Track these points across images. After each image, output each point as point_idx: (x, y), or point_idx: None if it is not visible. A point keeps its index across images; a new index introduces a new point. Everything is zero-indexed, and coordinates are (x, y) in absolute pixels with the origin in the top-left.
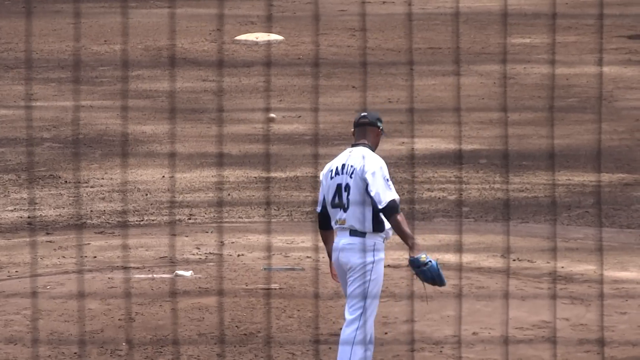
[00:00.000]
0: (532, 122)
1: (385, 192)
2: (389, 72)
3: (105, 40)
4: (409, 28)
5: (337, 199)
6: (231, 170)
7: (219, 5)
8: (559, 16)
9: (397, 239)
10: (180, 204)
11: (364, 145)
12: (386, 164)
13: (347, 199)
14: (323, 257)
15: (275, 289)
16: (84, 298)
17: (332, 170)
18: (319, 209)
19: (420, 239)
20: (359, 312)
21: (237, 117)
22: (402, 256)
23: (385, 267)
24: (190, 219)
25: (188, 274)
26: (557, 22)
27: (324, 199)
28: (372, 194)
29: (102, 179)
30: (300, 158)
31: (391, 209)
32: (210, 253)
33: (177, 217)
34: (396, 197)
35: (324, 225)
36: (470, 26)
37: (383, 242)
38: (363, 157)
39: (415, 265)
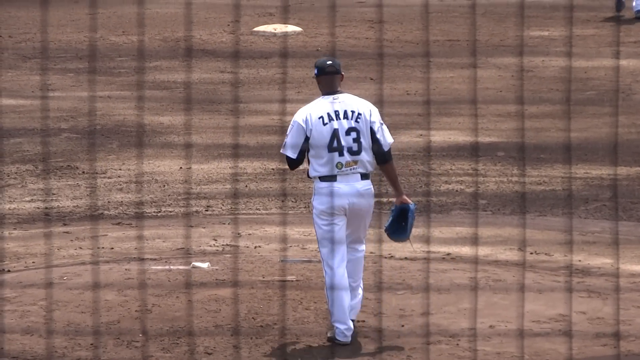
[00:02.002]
0: (550, 115)
1: (388, 136)
2: (406, 64)
3: (123, 31)
4: (427, 20)
5: (335, 143)
6: (248, 161)
7: None
8: (577, 9)
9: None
10: (198, 195)
11: (343, 92)
12: (404, 155)
13: (357, 142)
14: None
15: (292, 280)
16: (100, 289)
17: (322, 117)
18: (294, 155)
19: (437, 232)
20: (364, 245)
21: (254, 108)
22: (419, 249)
23: (402, 259)
24: (207, 210)
25: (205, 265)
26: (575, 15)
27: (303, 144)
28: (378, 136)
29: (120, 169)
30: None
31: (390, 153)
32: (227, 245)
33: (194, 209)
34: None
35: (295, 168)
36: (488, 18)
37: None
38: (363, 103)
39: (413, 210)
